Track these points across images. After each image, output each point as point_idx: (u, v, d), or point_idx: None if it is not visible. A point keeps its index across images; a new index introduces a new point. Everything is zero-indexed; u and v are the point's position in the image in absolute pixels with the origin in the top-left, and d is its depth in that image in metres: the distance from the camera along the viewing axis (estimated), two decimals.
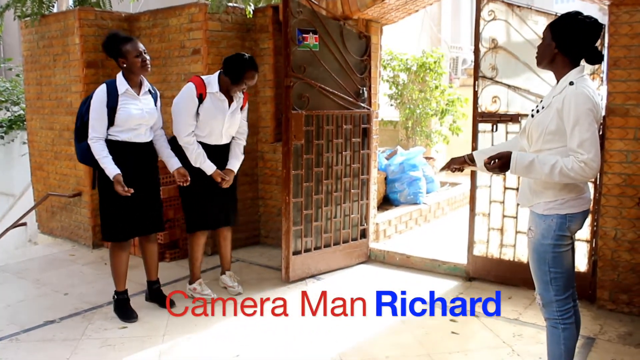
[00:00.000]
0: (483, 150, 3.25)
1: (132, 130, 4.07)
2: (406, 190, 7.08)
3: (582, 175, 2.56)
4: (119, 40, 4.02)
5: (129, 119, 4.03)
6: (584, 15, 2.70)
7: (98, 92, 4.01)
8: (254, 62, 4.33)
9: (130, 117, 4.02)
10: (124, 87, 4.03)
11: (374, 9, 5.20)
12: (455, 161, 3.20)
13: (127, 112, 4.01)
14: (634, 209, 4.10)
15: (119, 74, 4.08)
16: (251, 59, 4.31)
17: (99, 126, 3.98)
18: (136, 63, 4.00)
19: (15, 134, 9.91)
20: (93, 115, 3.98)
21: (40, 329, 4.09)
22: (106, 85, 4.02)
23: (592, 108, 2.58)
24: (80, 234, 6.35)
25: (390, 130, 10.21)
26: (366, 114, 5.31)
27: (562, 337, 2.81)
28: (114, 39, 4.04)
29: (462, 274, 5.05)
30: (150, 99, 4.19)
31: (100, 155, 3.97)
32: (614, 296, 4.25)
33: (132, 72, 4.04)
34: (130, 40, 4.03)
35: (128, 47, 3.99)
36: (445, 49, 14.41)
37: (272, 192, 6.09)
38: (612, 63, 4.10)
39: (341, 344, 3.82)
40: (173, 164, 4.30)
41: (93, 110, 3.98)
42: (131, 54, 3.99)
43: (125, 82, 4.04)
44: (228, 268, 4.86)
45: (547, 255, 2.76)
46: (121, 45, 3.99)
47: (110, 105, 3.97)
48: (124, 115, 4.01)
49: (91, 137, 3.98)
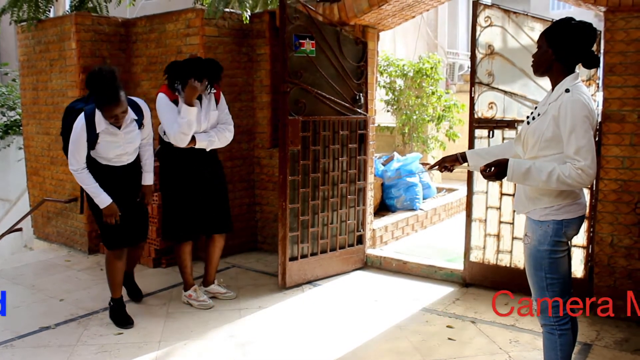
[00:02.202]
0: (476, 151, 3.26)
1: (113, 159, 4.09)
2: (403, 196, 7.08)
3: (579, 182, 2.56)
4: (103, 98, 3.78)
5: (108, 152, 4.03)
6: (577, 21, 2.72)
7: (77, 127, 3.89)
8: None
9: (109, 150, 4.02)
10: (103, 125, 3.91)
11: (371, 15, 5.21)
12: (447, 160, 3.18)
13: (106, 147, 4.00)
14: (630, 214, 4.11)
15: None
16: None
17: (79, 157, 3.93)
18: (109, 120, 3.88)
19: (11, 139, 9.90)
20: (72, 148, 3.92)
21: (36, 335, 4.07)
22: (85, 120, 3.87)
23: (588, 115, 2.59)
24: (76, 240, 6.33)
25: (386, 136, 10.22)
26: (363, 119, 5.32)
27: (559, 343, 2.81)
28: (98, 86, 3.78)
29: (459, 280, 5.05)
30: (133, 128, 4.07)
31: (86, 185, 4.00)
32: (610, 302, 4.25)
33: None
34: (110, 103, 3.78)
35: (105, 110, 3.81)
36: (442, 55, 14.48)
37: (269, 198, 6.08)
38: (608, 69, 4.12)
39: (337, 350, 3.80)
40: (145, 179, 4.32)
41: (72, 143, 3.92)
42: (106, 114, 3.84)
43: (103, 121, 3.90)
44: (213, 279, 4.75)
45: (543, 261, 2.76)
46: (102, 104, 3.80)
47: (89, 139, 3.92)
48: (103, 148, 4.00)
49: (74, 168, 3.96)
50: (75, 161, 3.94)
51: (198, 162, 4.41)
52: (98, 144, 3.96)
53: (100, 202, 3.99)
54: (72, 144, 3.92)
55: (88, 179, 3.98)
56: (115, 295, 4.26)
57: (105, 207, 4.00)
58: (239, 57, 5.89)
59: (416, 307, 4.53)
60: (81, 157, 3.94)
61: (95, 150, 4.00)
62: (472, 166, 3.13)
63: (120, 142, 4.03)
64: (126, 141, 4.06)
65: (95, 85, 3.80)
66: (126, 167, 4.18)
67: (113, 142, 4.00)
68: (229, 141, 4.56)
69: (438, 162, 3.21)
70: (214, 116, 4.44)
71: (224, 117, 4.53)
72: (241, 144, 5.96)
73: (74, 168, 3.96)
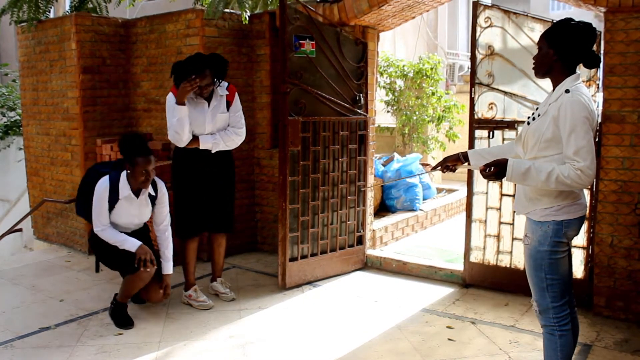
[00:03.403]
0: (478, 150, 3.28)
1: (122, 226, 4.26)
2: (402, 196, 7.08)
3: (578, 183, 2.56)
4: (135, 148, 4.05)
5: (119, 221, 4.21)
6: (577, 21, 2.73)
7: (100, 189, 4.10)
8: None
9: (120, 219, 4.20)
10: (127, 191, 4.12)
11: (371, 16, 5.21)
12: (449, 159, 3.19)
13: (118, 216, 4.18)
14: (630, 215, 4.11)
15: (124, 174, 4.14)
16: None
17: (103, 218, 4.13)
18: (139, 178, 4.06)
19: (11, 140, 9.91)
20: (96, 210, 4.13)
21: (36, 336, 4.07)
22: (109, 184, 4.10)
23: (588, 116, 2.59)
24: (76, 240, 6.33)
25: (386, 137, 10.22)
26: (363, 120, 5.32)
27: (559, 344, 2.81)
28: (131, 143, 4.07)
29: (459, 281, 5.05)
30: (147, 203, 4.27)
31: (114, 240, 4.14)
32: (610, 303, 4.25)
33: (135, 180, 4.10)
34: (144, 154, 4.05)
35: (140, 160, 4.02)
36: (442, 55, 14.48)
37: (269, 199, 6.08)
38: (608, 70, 4.12)
39: (337, 351, 3.80)
40: (164, 267, 4.32)
41: (95, 206, 4.12)
42: (139, 167, 4.02)
43: (127, 187, 4.13)
44: (219, 275, 4.85)
45: (543, 262, 2.76)
46: (135, 154, 4.03)
47: (109, 203, 4.12)
48: (117, 214, 4.18)
49: (99, 229, 4.14)
50: (99, 222, 4.13)
51: (205, 162, 4.47)
52: (114, 209, 4.15)
53: (130, 247, 4.10)
54: (95, 207, 4.13)
55: (113, 234, 4.14)
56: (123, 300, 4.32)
57: (138, 249, 4.09)
58: (238, 58, 5.89)
59: (416, 308, 4.53)
60: (105, 218, 4.13)
61: (111, 213, 4.18)
62: (473, 165, 3.15)
63: (134, 211, 4.22)
64: (139, 212, 4.25)
65: (129, 143, 4.07)
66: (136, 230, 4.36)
67: (126, 211, 4.19)
68: (237, 144, 4.60)
69: (440, 162, 3.22)
70: (222, 119, 4.47)
71: (235, 119, 4.55)
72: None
73: (99, 229, 4.13)
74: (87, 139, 6.01)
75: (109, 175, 4.15)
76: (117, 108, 6.28)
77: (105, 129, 6.16)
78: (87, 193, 4.24)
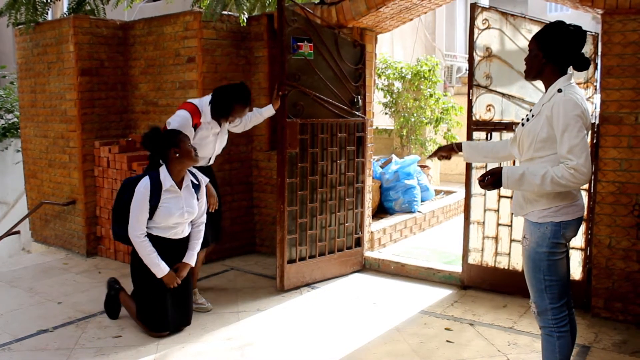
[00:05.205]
0: (471, 143, 3.39)
1: (170, 229, 4.02)
2: (401, 198, 7.08)
3: (573, 182, 2.57)
4: (167, 134, 3.98)
5: (169, 218, 3.96)
6: (567, 24, 2.74)
7: (141, 188, 3.90)
8: (244, 96, 4.32)
9: (170, 216, 3.95)
10: (169, 182, 3.94)
11: (369, 18, 5.22)
12: (443, 149, 3.35)
13: (168, 211, 3.93)
14: (628, 217, 4.12)
15: (162, 168, 3.97)
16: (241, 94, 4.30)
17: (142, 223, 3.92)
18: (189, 154, 3.94)
19: (9, 142, 9.90)
20: (135, 212, 3.91)
21: (34, 338, 4.06)
22: (150, 180, 3.91)
23: (581, 114, 2.60)
24: (74, 243, 6.32)
25: (384, 139, 10.23)
26: (361, 122, 5.32)
27: (557, 345, 2.81)
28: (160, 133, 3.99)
29: (457, 283, 5.05)
30: (192, 194, 4.07)
31: (146, 253, 3.92)
32: (608, 304, 4.25)
33: (183, 163, 3.96)
34: (178, 133, 3.99)
35: (181, 136, 3.96)
36: (440, 57, 14.49)
37: (267, 201, 6.08)
38: (606, 71, 4.13)
39: (335, 353, 3.80)
40: (187, 256, 4.15)
41: (135, 207, 3.91)
42: (183, 144, 3.93)
43: (169, 177, 3.95)
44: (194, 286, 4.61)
45: (541, 263, 2.77)
46: (173, 138, 3.94)
47: (153, 203, 3.91)
48: (165, 213, 3.94)
49: (136, 235, 3.92)
50: (138, 227, 3.91)
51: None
52: (159, 208, 3.92)
53: (158, 272, 3.94)
54: (134, 208, 3.91)
55: (149, 247, 3.93)
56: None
57: (165, 277, 3.96)
58: (237, 60, 5.90)
59: (414, 310, 4.53)
60: (143, 220, 3.92)
61: (155, 216, 3.95)
62: (465, 157, 3.30)
63: (181, 202, 3.98)
64: (187, 203, 4.01)
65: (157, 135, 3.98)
66: (175, 243, 4.09)
67: (175, 204, 3.95)
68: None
69: (435, 151, 3.40)
70: (225, 139, 4.61)
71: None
72: (239, 146, 5.96)
73: (136, 233, 3.91)
74: (85, 141, 6.01)
75: (148, 175, 3.96)
76: (115, 110, 6.27)
77: (103, 131, 6.16)
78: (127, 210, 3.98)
